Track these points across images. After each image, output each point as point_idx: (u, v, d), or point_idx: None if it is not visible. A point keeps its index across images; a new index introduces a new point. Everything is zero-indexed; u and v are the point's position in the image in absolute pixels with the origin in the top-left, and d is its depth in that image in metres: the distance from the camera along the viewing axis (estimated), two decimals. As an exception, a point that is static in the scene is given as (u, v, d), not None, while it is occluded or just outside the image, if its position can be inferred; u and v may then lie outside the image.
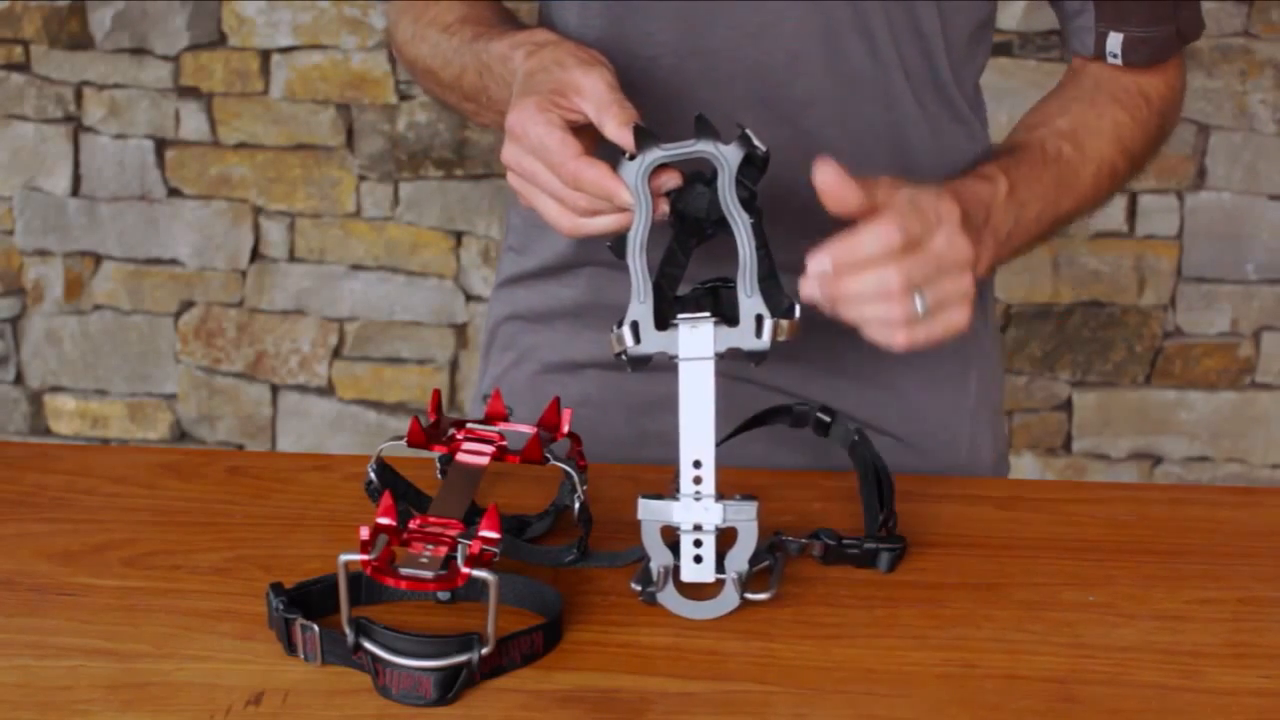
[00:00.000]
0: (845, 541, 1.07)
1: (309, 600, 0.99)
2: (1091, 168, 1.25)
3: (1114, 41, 1.27)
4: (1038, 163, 1.22)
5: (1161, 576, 1.09)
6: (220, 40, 2.83)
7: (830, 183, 1.03)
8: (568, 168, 1.06)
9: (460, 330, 2.91)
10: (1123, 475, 2.89)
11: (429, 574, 0.93)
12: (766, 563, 1.05)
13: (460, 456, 1.07)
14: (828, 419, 1.15)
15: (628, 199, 1.05)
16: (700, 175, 1.08)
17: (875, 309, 1.04)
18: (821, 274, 1.02)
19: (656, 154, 1.05)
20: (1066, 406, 2.89)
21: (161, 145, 2.87)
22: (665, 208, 1.06)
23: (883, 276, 1.02)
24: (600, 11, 1.26)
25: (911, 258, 1.03)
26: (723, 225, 1.08)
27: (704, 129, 1.05)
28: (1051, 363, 2.87)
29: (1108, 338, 2.85)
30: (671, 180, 1.07)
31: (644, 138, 1.05)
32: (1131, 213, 2.81)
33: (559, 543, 1.10)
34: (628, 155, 1.06)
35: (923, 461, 1.33)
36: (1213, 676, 0.97)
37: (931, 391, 1.35)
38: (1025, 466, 2.89)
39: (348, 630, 0.94)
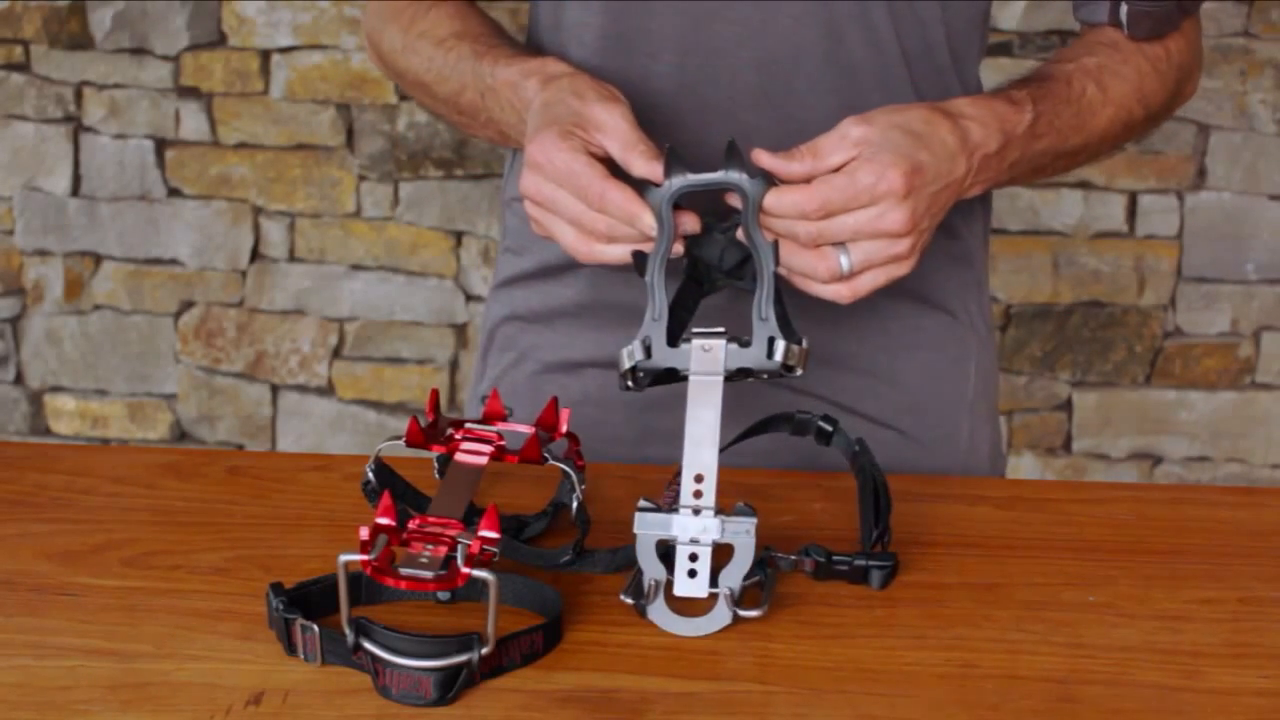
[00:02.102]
0: (836, 558, 1.07)
1: (309, 600, 0.99)
2: (1110, 110, 1.27)
3: (1123, 12, 1.28)
4: (1061, 99, 1.24)
5: (1161, 576, 1.09)
6: (220, 40, 2.83)
7: (769, 164, 1.09)
8: (595, 188, 1.08)
9: (460, 330, 2.91)
10: (1123, 475, 2.89)
11: (429, 574, 0.93)
12: (758, 578, 1.04)
13: (459, 456, 1.07)
14: (829, 428, 1.15)
15: (650, 223, 1.07)
16: (718, 224, 1.11)
17: (800, 259, 1.10)
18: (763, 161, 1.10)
19: (682, 181, 1.07)
20: (1066, 406, 2.89)
21: (161, 145, 2.87)
22: (680, 249, 1.09)
23: (791, 228, 1.09)
24: (600, 10, 1.26)
25: (828, 221, 1.09)
26: (733, 276, 1.11)
27: (732, 157, 1.08)
28: (1051, 363, 2.87)
29: (1108, 338, 2.85)
30: (690, 224, 1.09)
31: (674, 162, 1.08)
32: (1131, 213, 2.81)
33: (558, 542, 1.10)
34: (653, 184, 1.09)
35: (923, 455, 1.34)
36: (1213, 676, 0.97)
37: (932, 385, 1.35)
38: (1025, 466, 2.89)
39: (348, 630, 0.94)
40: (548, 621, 0.98)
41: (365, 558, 0.93)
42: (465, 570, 0.93)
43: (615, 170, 1.10)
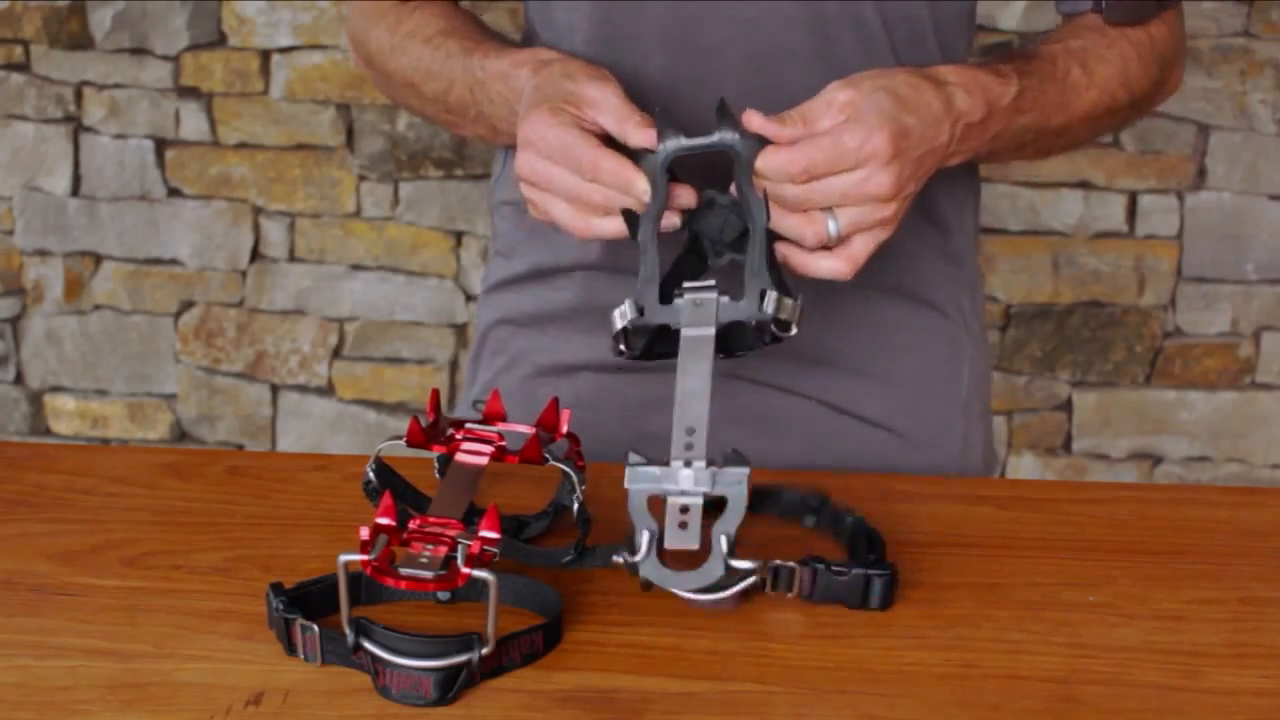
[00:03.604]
0: (834, 567, 1.03)
1: (309, 600, 0.99)
2: (1094, 93, 1.27)
3: None
4: (1046, 76, 1.24)
5: (1161, 576, 1.09)
6: (220, 40, 2.83)
7: (760, 127, 1.09)
8: (587, 158, 1.08)
9: (460, 330, 2.91)
10: (1123, 475, 2.89)
11: (429, 574, 0.93)
12: (753, 579, 1.01)
13: (459, 456, 1.07)
14: (815, 504, 1.14)
15: (645, 188, 1.07)
16: (718, 196, 1.11)
17: (788, 223, 1.09)
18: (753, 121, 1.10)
19: (676, 144, 1.07)
20: (1066, 406, 2.89)
21: (161, 145, 2.87)
22: (677, 221, 1.09)
23: (778, 190, 1.09)
24: (589, 12, 1.26)
25: (815, 184, 1.08)
26: (734, 249, 1.11)
27: (724, 117, 1.08)
28: (1051, 363, 2.87)
29: (1108, 338, 2.85)
30: (686, 197, 1.09)
31: (666, 125, 1.08)
32: (1131, 213, 2.81)
33: (558, 543, 1.10)
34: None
35: (916, 455, 1.34)
36: (1213, 676, 0.97)
37: (925, 385, 1.35)
38: (1025, 466, 2.89)
39: (348, 630, 0.94)
40: (548, 621, 0.98)
41: (365, 558, 0.93)
42: (465, 570, 0.93)
43: (610, 147, 1.10)
